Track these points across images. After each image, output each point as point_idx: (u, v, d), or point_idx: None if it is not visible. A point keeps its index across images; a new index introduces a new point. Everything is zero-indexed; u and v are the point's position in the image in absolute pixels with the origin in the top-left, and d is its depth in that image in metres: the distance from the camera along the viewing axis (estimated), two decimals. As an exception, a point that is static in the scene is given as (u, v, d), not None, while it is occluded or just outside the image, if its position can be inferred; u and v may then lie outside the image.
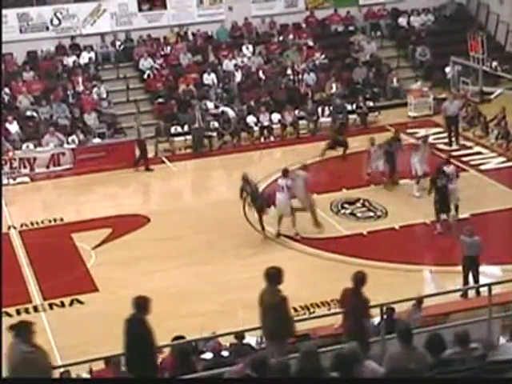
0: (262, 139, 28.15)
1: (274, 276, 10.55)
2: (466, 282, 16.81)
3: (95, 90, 29.42)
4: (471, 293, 16.52)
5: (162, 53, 31.63)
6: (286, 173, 20.53)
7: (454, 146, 26.16)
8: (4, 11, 28.58)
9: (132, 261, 19.39)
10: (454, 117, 26.72)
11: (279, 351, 10.09)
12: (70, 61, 30.43)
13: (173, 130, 28.15)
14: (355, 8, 34.04)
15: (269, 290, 10.59)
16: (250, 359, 8.72)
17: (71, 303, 17.67)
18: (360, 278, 10.85)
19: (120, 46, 31.57)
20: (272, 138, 28.23)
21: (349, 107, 29.24)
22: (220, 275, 18.37)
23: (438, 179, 20.06)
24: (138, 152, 26.08)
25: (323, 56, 32.14)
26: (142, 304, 9.72)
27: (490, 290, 11.98)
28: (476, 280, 16.64)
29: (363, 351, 8.96)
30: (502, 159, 24.94)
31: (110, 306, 17.14)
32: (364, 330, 10.58)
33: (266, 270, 10.68)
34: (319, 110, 29.03)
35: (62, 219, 22.19)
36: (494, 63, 29.56)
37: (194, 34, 32.45)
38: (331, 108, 28.96)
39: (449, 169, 20.54)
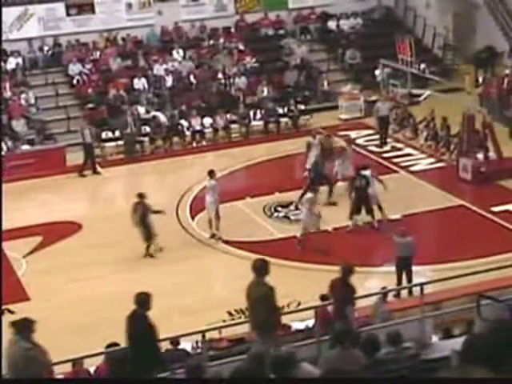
0: (194, 144, 28.09)
1: (260, 268, 10.76)
2: (399, 282, 17.01)
3: (23, 95, 28.95)
4: (404, 293, 16.72)
5: (92, 58, 31.32)
6: (211, 174, 20.56)
7: (386, 148, 26.50)
8: None
9: (65, 268, 19.12)
10: (386, 117, 27.13)
11: (268, 342, 10.35)
12: (-4, 66, 29.95)
13: (104, 135, 27.87)
14: (285, 12, 34.22)
15: (256, 282, 10.81)
16: (185, 364, 8.71)
17: (1, 313, 17.29)
18: (348, 269, 11.55)
19: (48, 51, 31.15)
20: (204, 143, 28.18)
21: (280, 110, 29.39)
22: (154, 280, 18.21)
23: (357, 180, 20.44)
24: (83, 156, 25.84)
25: (254, 60, 32.24)
26: (143, 300, 9.96)
27: (421, 290, 12.12)
28: (409, 280, 16.85)
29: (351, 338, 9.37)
30: (432, 160, 25.32)
31: (42, 315, 16.82)
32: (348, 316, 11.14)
33: (253, 262, 10.93)
34: (251, 113, 29.11)
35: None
36: (422, 66, 30.03)
37: (123, 39, 32.21)
38: (263, 111, 29.09)
39: (367, 172, 20.72)
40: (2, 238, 19.05)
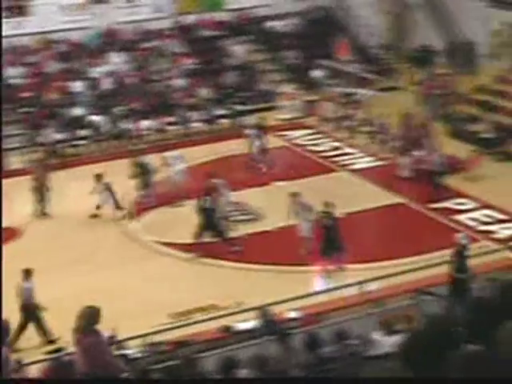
0: (133, 146, 27.76)
1: None
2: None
3: (-42, 100, 28.40)
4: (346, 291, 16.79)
5: (28, 61, 30.87)
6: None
7: (322, 147, 26.63)
8: None
9: (5, 275, 18.73)
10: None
11: None
12: None
13: (41, 139, 27.46)
14: (223, 13, 34.17)
15: None
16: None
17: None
18: None
19: (-18, 55, 30.61)
20: (144, 145, 27.91)
21: (220, 111, 29.33)
22: (98, 285, 18.02)
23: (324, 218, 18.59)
24: None
25: (193, 61, 32.12)
26: None
27: (364, 288, 12.19)
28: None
29: None
30: (371, 158, 25.52)
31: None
32: None
33: None
34: (190, 115, 28.97)
35: None
36: (360, 65, 30.28)
37: (59, 41, 31.82)
38: (202, 113, 29.01)
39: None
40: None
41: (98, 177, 22.04)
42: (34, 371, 12.26)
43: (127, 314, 16.28)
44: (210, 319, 14.61)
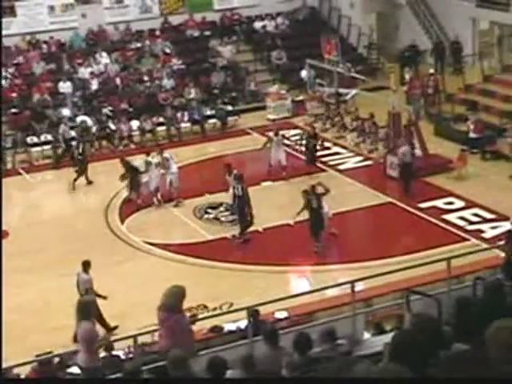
0: (121, 147, 27.76)
1: None
2: None
3: None
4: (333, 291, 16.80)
5: (14, 62, 30.79)
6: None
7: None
8: None
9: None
10: None
11: None
12: None
13: (29, 140, 27.43)
14: (210, 13, 34.16)
15: None
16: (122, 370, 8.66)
17: None
18: None
19: (-31, 56, 30.50)
20: (132, 146, 27.90)
21: (208, 112, 29.32)
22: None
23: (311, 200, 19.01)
24: None
25: (180, 61, 32.10)
26: None
27: (353, 287, 12.18)
28: None
29: None
30: (359, 158, 25.54)
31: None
32: None
33: None
34: (178, 115, 28.94)
35: None
36: (348, 65, 30.29)
37: (46, 42, 31.75)
38: (190, 113, 28.99)
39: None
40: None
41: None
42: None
43: (116, 314, 16.26)
44: (200, 319, 14.57)
